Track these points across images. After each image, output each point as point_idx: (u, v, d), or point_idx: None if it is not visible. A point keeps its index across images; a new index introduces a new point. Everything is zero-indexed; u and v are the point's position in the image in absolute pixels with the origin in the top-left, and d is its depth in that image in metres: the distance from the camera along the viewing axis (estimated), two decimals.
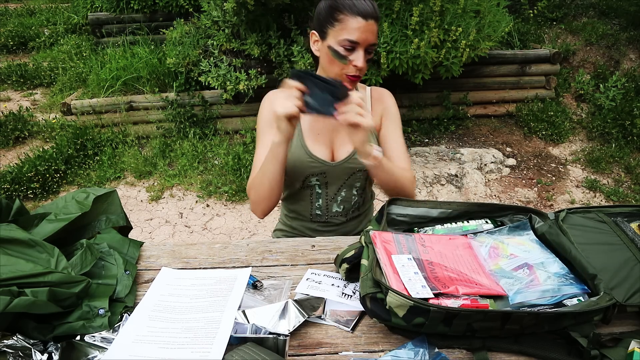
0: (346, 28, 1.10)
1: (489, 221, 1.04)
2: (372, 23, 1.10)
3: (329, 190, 1.32)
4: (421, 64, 3.14)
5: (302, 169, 1.27)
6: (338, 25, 1.11)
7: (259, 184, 1.19)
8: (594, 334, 0.77)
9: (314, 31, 1.18)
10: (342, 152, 1.28)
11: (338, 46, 1.11)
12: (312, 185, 1.31)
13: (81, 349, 0.80)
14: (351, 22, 1.09)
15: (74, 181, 3.37)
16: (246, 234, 2.89)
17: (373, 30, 1.12)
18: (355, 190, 1.34)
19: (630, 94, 4.08)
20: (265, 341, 0.78)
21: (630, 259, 0.92)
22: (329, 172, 1.28)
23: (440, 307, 0.76)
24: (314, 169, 1.27)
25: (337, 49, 1.12)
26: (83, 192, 1.07)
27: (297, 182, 1.31)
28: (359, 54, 1.12)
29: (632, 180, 3.42)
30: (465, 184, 3.30)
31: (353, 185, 1.33)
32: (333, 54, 1.13)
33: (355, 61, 1.12)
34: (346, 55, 1.12)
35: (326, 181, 1.30)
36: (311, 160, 1.26)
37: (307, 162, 1.26)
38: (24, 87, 4.85)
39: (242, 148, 3.59)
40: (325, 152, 1.27)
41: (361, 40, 1.10)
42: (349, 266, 0.96)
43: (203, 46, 3.73)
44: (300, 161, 1.26)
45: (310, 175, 1.28)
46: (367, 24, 1.10)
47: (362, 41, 1.11)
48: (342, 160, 1.27)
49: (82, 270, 0.91)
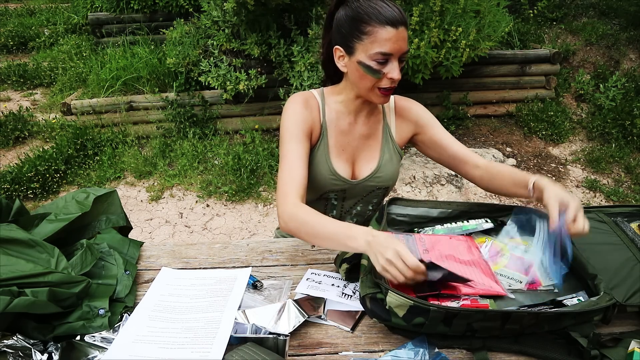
0: (377, 40, 1.00)
1: (489, 220, 1.04)
2: (402, 30, 1.01)
3: (345, 204, 1.29)
4: (421, 64, 3.14)
5: (323, 184, 1.21)
6: (367, 38, 1.01)
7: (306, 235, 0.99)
8: (594, 334, 0.77)
9: (338, 46, 1.08)
10: (364, 170, 1.22)
11: (370, 61, 1.02)
12: (329, 198, 1.27)
13: (81, 349, 0.80)
14: (381, 34, 1.00)
15: (74, 181, 3.37)
16: (246, 234, 2.89)
17: (404, 37, 1.02)
18: (371, 205, 1.31)
19: (630, 94, 4.08)
20: (265, 341, 0.78)
21: (630, 259, 0.92)
22: (349, 189, 1.23)
23: (440, 306, 0.76)
24: (335, 187, 1.22)
25: (369, 64, 1.03)
26: (83, 192, 1.07)
27: (314, 194, 1.26)
28: (394, 65, 1.03)
29: (632, 180, 3.42)
30: (465, 184, 3.30)
31: (370, 202, 1.30)
32: (366, 70, 1.04)
33: (391, 73, 1.03)
34: (379, 69, 1.03)
35: (344, 196, 1.26)
36: (333, 178, 1.20)
37: (330, 179, 1.20)
38: (24, 87, 4.85)
39: (242, 148, 3.59)
40: (347, 169, 1.21)
41: (395, 50, 1.01)
42: (349, 266, 0.96)
43: (203, 46, 3.73)
44: (322, 176, 1.20)
45: (330, 191, 1.24)
46: (398, 32, 1.00)
47: (395, 52, 1.02)
48: (363, 179, 1.22)
49: (82, 270, 0.91)
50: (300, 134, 1.12)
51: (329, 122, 1.19)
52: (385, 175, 1.22)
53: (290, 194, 1.05)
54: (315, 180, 1.20)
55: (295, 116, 1.13)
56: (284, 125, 1.14)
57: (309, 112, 1.15)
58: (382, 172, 1.22)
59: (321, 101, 1.20)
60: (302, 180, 1.08)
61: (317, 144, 1.19)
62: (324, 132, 1.19)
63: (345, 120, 1.20)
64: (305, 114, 1.14)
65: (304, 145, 1.12)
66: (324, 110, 1.19)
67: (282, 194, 1.06)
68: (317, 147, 1.18)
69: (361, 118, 1.22)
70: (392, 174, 1.24)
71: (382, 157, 1.22)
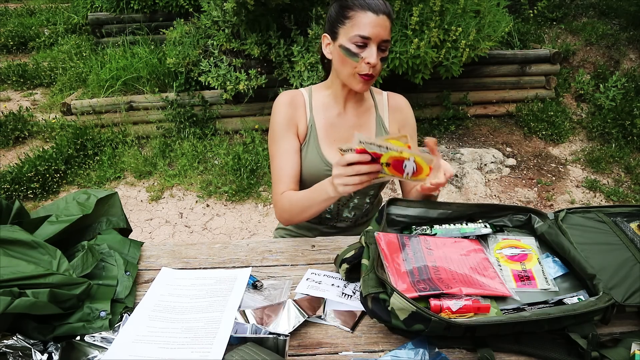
0: (357, 24, 1.07)
1: (487, 226, 1.04)
2: (383, 18, 1.07)
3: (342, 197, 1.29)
4: (421, 64, 3.14)
5: (318, 176, 1.22)
6: (349, 22, 1.08)
7: (298, 215, 1.14)
8: (593, 335, 0.77)
9: (326, 34, 1.16)
10: None
11: (350, 43, 1.08)
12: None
13: (81, 349, 0.80)
14: (362, 18, 1.06)
15: (74, 181, 3.37)
16: (246, 234, 2.89)
17: (385, 25, 1.08)
18: (368, 198, 1.31)
19: (630, 94, 4.08)
20: (265, 341, 0.78)
21: (630, 259, 0.92)
22: None
23: (442, 318, 0.75)
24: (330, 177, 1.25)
25: (348, 47, 1.08)
26: (84, 194, 1.07)
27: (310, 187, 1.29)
28: (372, 50, 1.08)
29: (632, 180, 3.42)
30: (465, 184, 3.30)
31: (367, 193, 1.30)
32: (344, 52, 1.09)
33: (368, 58, 1.08)
34: (358, 53, 1.08)
35: None
36: (327, 169, 1.21)
37: (323, 171, 1.21)
38: (24, 87, 4.85)
39: (242, 148, 3.59)
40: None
41: (373, 35, 1.07)
42: (349, 266, 0.96)
43: (203, 46, 3.73)
44: (316, 168, 1.22)
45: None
46: (379, 19, 1.07)
47: (373, 36, 1.07)
48: None
49: (83, 272, 0.91)
50: (284, 132, 1.21)
51: (317, 116, 1.23)
52: None
53: (278, 190, 1.19)
54: (309, 174, 1.23)
55: (278, 116, 1.22)
56: (270, 127, 1.24)
57: (292, 109, 1.22)
58: None
59: (308, 97, 1.25)
60: (290, 171, 1.19)
61: (305, 139, 1.23)
62: (311, 126, 1.23)
63: (334, 111, 1.24)
64: (289, 112, 1.22)
65: (289, 140, 1.20)
66: (310, 105, 1.24)
67: (274, 193, 1.20)
68: (306, 143, 1.23)
69: (350, 108, 1.25)
70: None
71: None
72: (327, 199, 1.03)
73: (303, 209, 1.11)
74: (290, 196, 1.15)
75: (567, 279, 0.92)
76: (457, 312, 0.80)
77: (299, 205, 1.11)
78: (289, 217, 1.18)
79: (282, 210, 1.18)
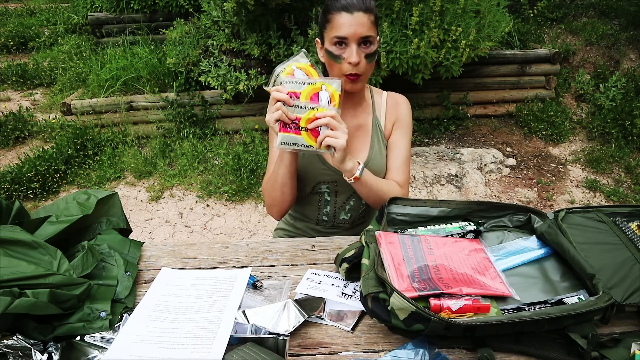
0: (334, 26, 1.09)
1: (471, 223, 1.04)
2: (359, 15, 1.08)
3: (338, 198, 1.30)
4: (421, 64, 3.14)
5: (314, 175, 1.25)
6: (329, 25, 1.11)
7: (271, 188, 1.20)
8: (593, 335, 0.77)
9: (317, 39, 1.20)
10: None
11: (331, 46, 1.11)
12: (321, 192, 1.30)
13: (81, 349, 0.80)
14: (337, 19, 1.09)
15: (74, 181, 3.37)
16: (246, 234, 2.89)
17: (361, 22, 1.08)
18: (363, 200, 1.32)
19: (630, 94, 4.08)
20: (265, 341, 0.78)
21: (629, 259, 0.92)
22: (341, 180, 1.22)
23: (442, 318, 0.75)
24: (326, 177, 1.25)
25: (330, 50, 1.11)
26: (84, 194, 1.07)
27: (307, 187, 1.29)
28: (351, 49, 1.09)
29: (632, 180, 3.42)
30: (465, 184, 3.30)
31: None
32: (329, 56, 1.13)
33: (349, 58, 1.09)
34: (339, 54, 1.10)
35: (336, 189, 1.28)
36: (324, 168, 1.24)
37: (320, 170, 1.24)
38: (24, 87, 4.85)
39: (242, 148, 3.59)
40: None
41: (349, 34, 1.08)
42: (349, 266, 0.96)
43: (203, 46, 3.73)
44: (312, 167, 1.24)
45: (322, 182, 1.27)
46: (353, 17, 1.07)
47: (350, 35, 1.08)
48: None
49: (84, 272, 0.91)
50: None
51: None
52: (376, 167, 1.25)
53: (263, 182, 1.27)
54: (306, 173, 1.25)
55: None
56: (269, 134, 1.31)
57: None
58: (373, 163, 1.24)
59: None
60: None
61: None
62: None
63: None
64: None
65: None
66: None
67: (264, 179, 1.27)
68: None
69: (347, 109, 1.25)
70: (382, 166, 1.27)
71: (372, 149, 1.26)
72: (284, 159, 1.13)
73: (272, 183, 1.19)
74: (265, 181, 1.25)
75: (567, 278, 0.92)
76: (457, 312, 0.80)
77: (270, 182, 1.20)
78: (270, 202, 1.24)
79: (264, 196, 1.26)
